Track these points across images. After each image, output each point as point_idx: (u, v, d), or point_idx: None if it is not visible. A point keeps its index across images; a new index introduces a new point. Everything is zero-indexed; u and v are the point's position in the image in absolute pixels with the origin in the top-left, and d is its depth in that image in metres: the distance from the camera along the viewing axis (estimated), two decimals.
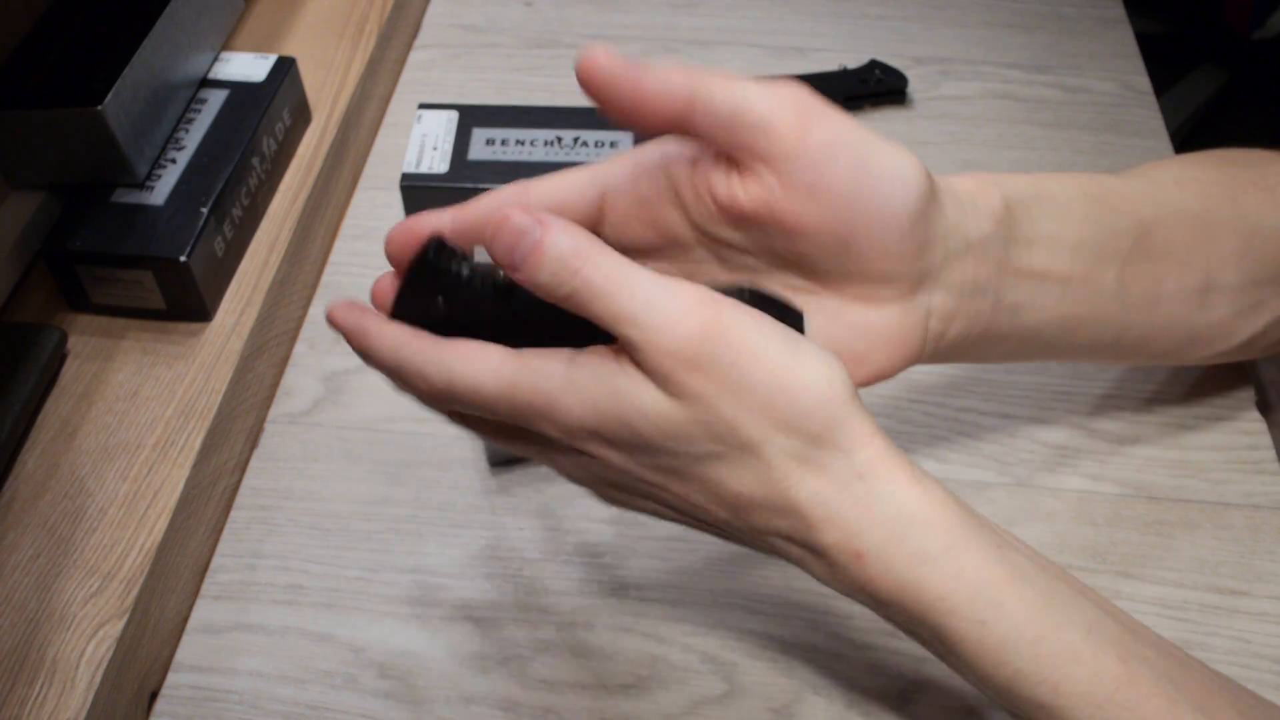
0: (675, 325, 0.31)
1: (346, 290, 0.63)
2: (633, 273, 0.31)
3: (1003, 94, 0.74)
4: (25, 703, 0.43)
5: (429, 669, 0.48)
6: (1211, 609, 0.50)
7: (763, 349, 0.32)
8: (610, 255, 0.31)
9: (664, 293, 0.31)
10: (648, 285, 0.31)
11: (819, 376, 0.32)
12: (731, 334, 0.31)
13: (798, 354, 0.32)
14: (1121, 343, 0.45)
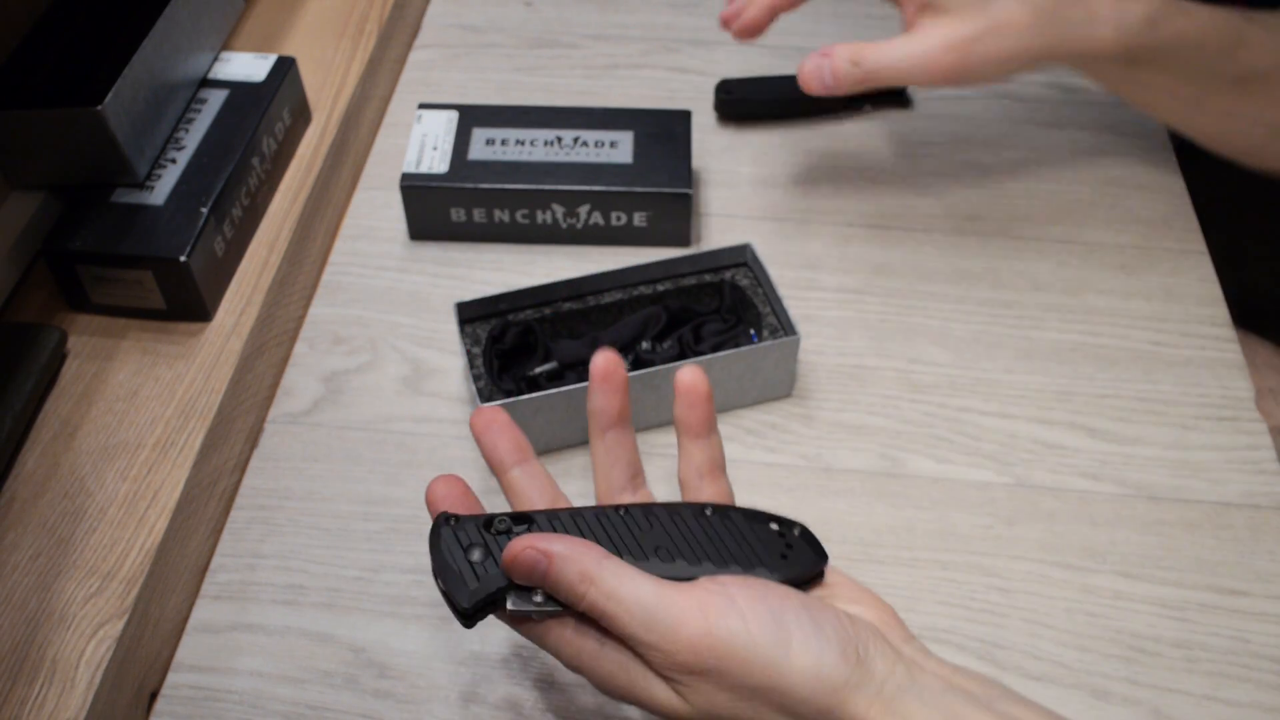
0: (672, 642, 0.35)
1: (346, 290, 0.63)
2: (632, 593, 0.36)
3: (1003, 94, 0.74)
4: (25, 703, 0.43)
5: (429, 669, 0.48)
6: (1211, 609, 0.50)
7: (753, 654, 0.35)
8: (610, 577, 0.36)
9: (660, 611, 0.35)
10: (647, 603, 0.35)
11: (809, 671, 0.35)
12: (723, 646, 0.35)
13: (788, 653, 0.35)
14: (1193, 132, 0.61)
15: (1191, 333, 0.60)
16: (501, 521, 0.39)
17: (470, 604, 0.37)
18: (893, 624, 0.39)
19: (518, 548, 0.36)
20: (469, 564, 0.38)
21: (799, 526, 0.40)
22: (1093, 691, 0.47)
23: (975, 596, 0.50)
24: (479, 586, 0.37)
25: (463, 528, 0.39)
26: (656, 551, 0.39)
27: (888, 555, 0.51)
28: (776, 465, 0.55)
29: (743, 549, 0.39)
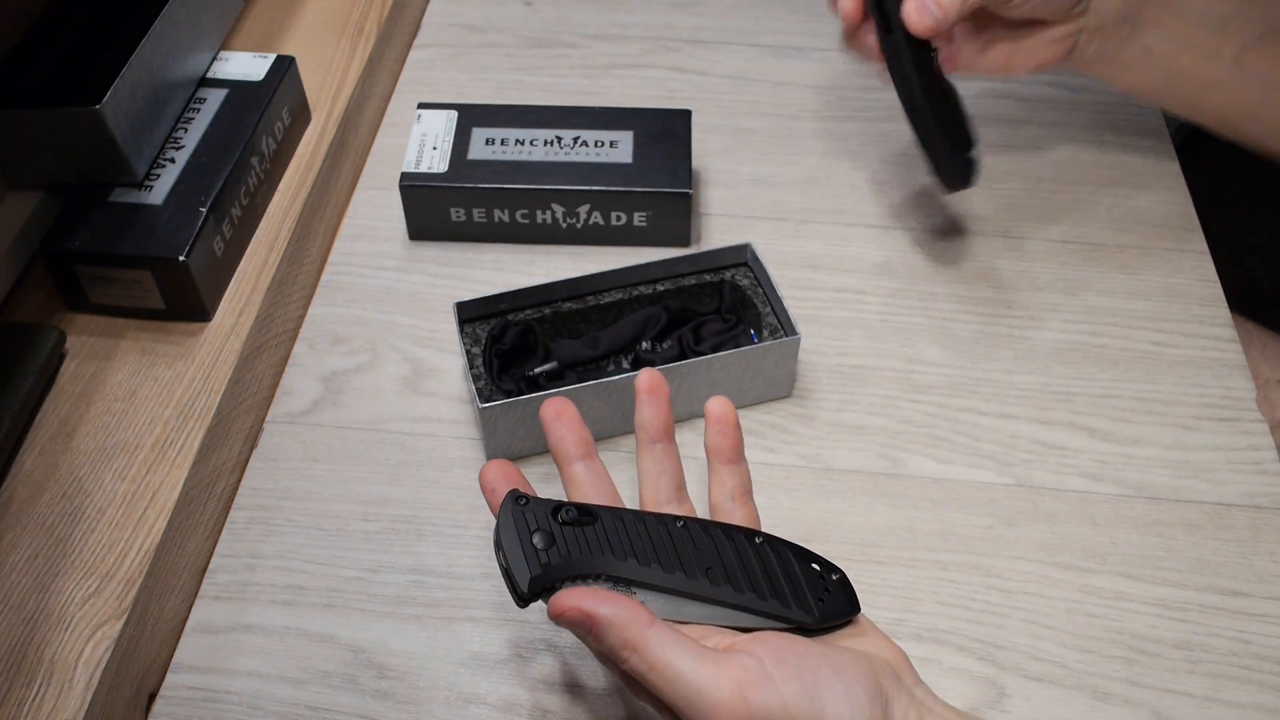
0: (714, 718, 0.36)
1: (346, 290, 0.63)
2: (672, 668, 0.36)
3: (1003, 93, 0.74)
4: (23, 704, 0.43)
5: (428, 669, 0.48)
6: (1213, 610, 0.49)
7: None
8: (654, 649, 0.37)
9: (701, 683, 0.36)
10: (687, 679, 0.36)
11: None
12: (760, 719, 0.36)
13: (823, 714, 0.37)
14: (1233, 111, 0.59)
15: (1192, 333, 0.60)
16: (568, 511, 0.40)
17: (529, 589, 0.38)
18: (904, 667, 0.41)
19: (564, 605, 0.37)
20: (533, 547, 0.39)
21: (839, 573, 0.42)
22: (1093, 693, 0.47)
23: (975, 597, 0.50)
24: (541, 575, 0.38)
25: (531, 510, 0.39)
26: (708, 573, 0.40)
27: (888, 555, 0.51)
28: (776, 465, 0.55)
29: (786, 585, 0.41)
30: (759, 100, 0.74)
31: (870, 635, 0.42)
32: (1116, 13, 0.56)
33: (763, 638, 0.39)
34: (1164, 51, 0.57)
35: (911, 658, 0.48)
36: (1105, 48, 0.57)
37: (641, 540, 0.40)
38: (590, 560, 0.39)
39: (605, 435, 0.55)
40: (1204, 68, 0.58)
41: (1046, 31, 0.57)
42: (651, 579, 0.39)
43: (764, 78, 0.76)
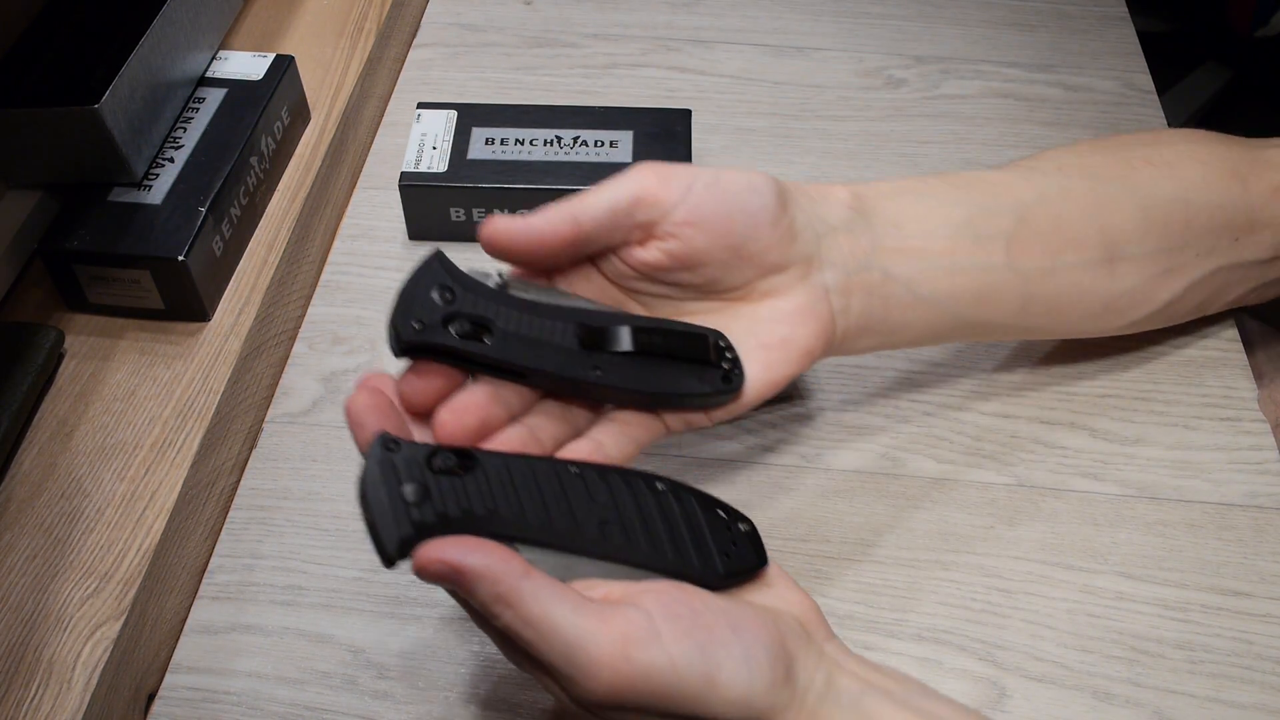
0: (591, 680, 0.34)
1: (346, 289, 0.63)
2: (549, 623, 0.34)
3: (1004, 93, 0.74)
4: (21, 705, 0.43)
5: (428, 670, 0.48)
6: (1214, 610, 0.49)
7: (677, 690, 0.34)
8: (528, 602, 0.34)
9: (580, 638, 0.33)
10: (565, 631, 0.34)
11: (737, 703, 0.35)
12: (643, 684, 0.34)
13: (714, 686, 0.34)
14: (1031, 312, 0.48)
15: (1193, 332, 0.59)
16: (445, 457, 0.36)
17: (396, 551, 0.34)
18: (815, 622, 0.39)
19: (428, 558, 0.34)
20: (403, 501, 0.34)
21: (748, 523, 0.40)
22: (1094, 693, 0.47)
23: (976, 597, 0.50)
24: (411, 535, 0.34)
25: (403, 456, 0.35)
26: (602, 527, 0.37)
27: (888, 555, 0.51)
28: (776, 465, 0.55)
29: (689, 538, 0.38)
30: (759, 100, 0.74)
31: (778, 587, 0.40)
32: (853, 257, 0.44)
33: (655, 589, 0.36)
34: (931, 280, 0.45)
35: (912, 658, 0.48)
36: (867, 305, 0.44)
37: (530, 490, 0.36)
38: (470, 517, 0.35)
39: None
40: (981, 283, 0.46)
41: (782, 310, 0.43)
42: (540, 535, 0.36)
43: (764, 78, 0.76)
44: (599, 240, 0.41)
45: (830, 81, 0.75)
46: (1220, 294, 0.54)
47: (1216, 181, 0.51)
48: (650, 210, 0.41)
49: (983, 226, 0.46)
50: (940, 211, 0.46)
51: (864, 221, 0.45)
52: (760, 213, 0.42)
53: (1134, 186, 0.50)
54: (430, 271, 0.38)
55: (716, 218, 0.41)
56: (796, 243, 0.43)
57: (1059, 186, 0.49)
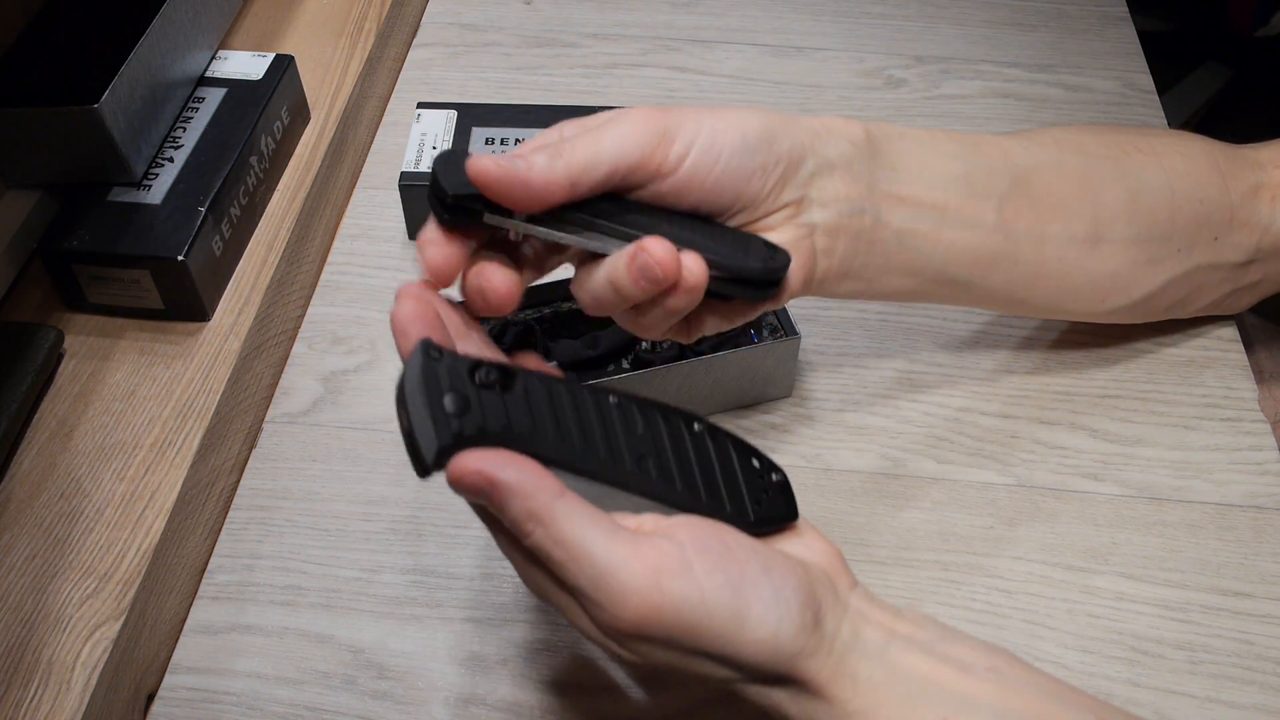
0: (620, 607, 0.33)
1: (345, 289, 0.63)
2: (582, 544, 0.33)
3: (1004, 93, 0.74)
4: (20, 705, 0.43)
5: (428, 670, 0.48)
6: (1215, 610, 0.49)
7: (706, 625, 0.34)
8: (561, 522, 0.33)
9: (611, 565, 0.33)
10: (597, 559, 0.33)
11: (765, 643, 0.34)
12: (673, 616, 0.33)
13: (743, 625, 0.34)
14: (1016, 279, 0.48)
15: (1194, 332, 0.59)
16: (488, 371, 0.35)
17: (433, 460, 0.33)
18: (840, 570, 0.39)
19: (464, 468, 0.33)
20: (443, 411, 0.33)
21: (780, 473, 0.39)
22: (1095, 693, 0.47)
23: (976, 597, 0.50)
24: (450, 445, 0.33)
25: (445, 366, 0.34)
26: (640, 461, 0.36)
27: (888, 555, 0.51)
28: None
29: (723, 482, 0.38)
30: (759, 100, 0.74)
31: (806, 536, 0.40)
32: (846, 199, 0.43)
33: (689, 523, 0.36)
34: (920, 233, 0.45)
35: None
36: (853, 250, 0.44)
37: (571, 414, 0.35)
38: (510, 435, 0.34)
39: None
40: (971, 240, 0.46)
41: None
42: (577, 462, 0.35)
43: (764, 77, 0.75)
44: (593, 194, 0.40)
45: (830, 81, 0.75)
46: (1197, 294, 0.54)
47: (1200, 175, 0.52)
48: (640, 176, 0.40)
49: (978, 184, 0.46)
50: (939, 163, 0.46)
51: (866, 160, 0.44)
52: (754, 170, 0.41)
53: (1124, 170, 0.50)
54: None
55: (710, 181, 0.40)
56: (788, 187, 0.42)
57: (1053, 159, 0.49)
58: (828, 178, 0.43)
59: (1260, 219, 0.52)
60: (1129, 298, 0.52)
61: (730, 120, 0.41)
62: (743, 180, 0.41)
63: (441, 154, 0.38)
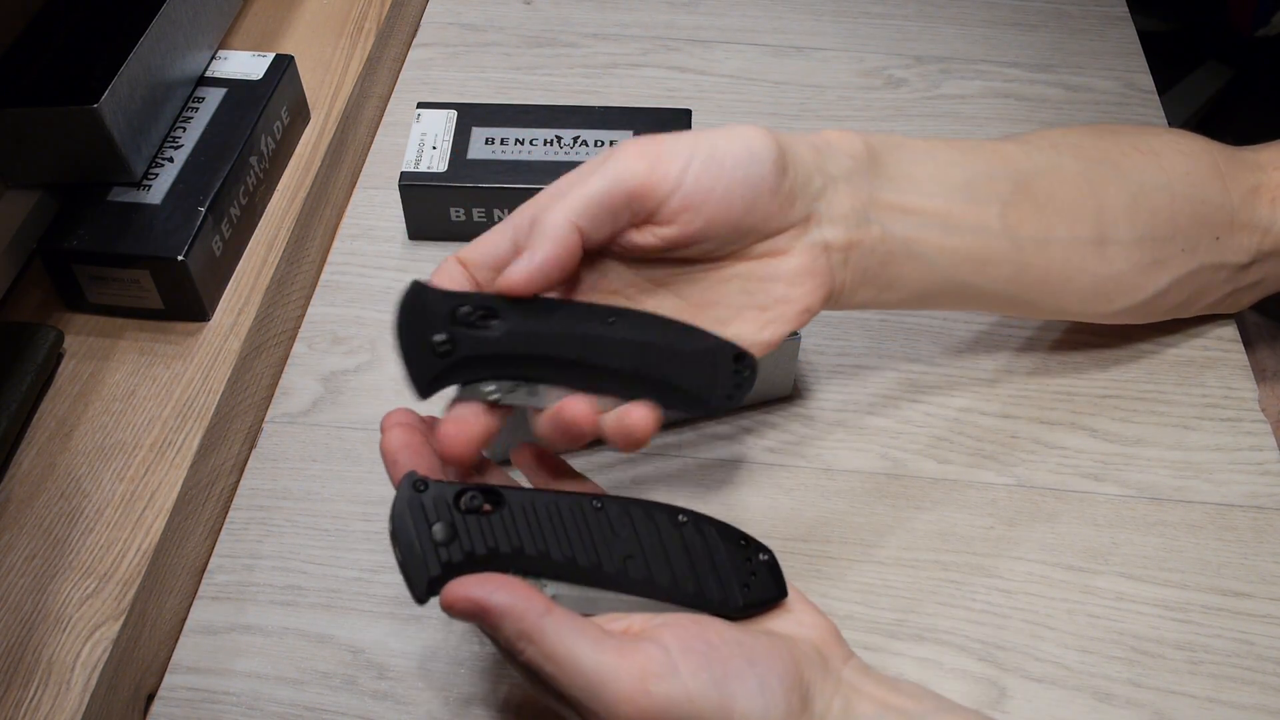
0: (613, 709, 0.34)
1: (345, 289, 0.63)
2: (571, 659, 0.35)
3: (1004, 93, 0.74)
4: (20, 705, 0.43)
5: (428, 670, 0.48)
6: (1215, 610, 0.49)
7: (694, 716, 0.35)
8: (550, 638, 0.35)
9: (601, 674, 0.34)
10: (586, 667, 0.35)
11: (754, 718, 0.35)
12: (663, 712, 0.35)
13: (731, 710, 0.35)
14: (1025, 283, 0.48)
15: (1194, 332, 0.59)
16: (472, 497, 0.37)
17: (426, 590, 0.36)
18: (834, 643, 0.39)
19: (455, 596, 0.35)
20: (432, 542, 0.36)
21: (768, 553, 0.40)
22: (1095, 694, 0.47)
23: (976, 598, 0.50)
24: (440, 576, 0.36)
25: (430, 498, 0.37)
26: (626, 561, 0.38)
27: (888, 556, 0.51)
28: (776, 465, 0.55)
29: (710, 571, 0.39)
30: (759, 100, 0.74)
31: (798, 612, 0.40)
32: (852, 213, 0.43)
33: (674, 623, 0.37)
34: (927, 241, 0.45)
35: (912, 658, 0.48)
36: (865, 261, 0.44)
37: (554, 527, 0.38)
38: (497, 555, 0.37)
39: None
40: (976, 246, 0.46)
41: (780, 270, 0.42)
42: (565, 571, 0.37)
43: (764, 77, 0.75)
44: (596, 241, 0.40)
45: (830, 81, 0.75)
46: (1201, 294, 0.54)
47: (1200, 175, 0.51)
48: (645, 202, 0.39)
49: (980, 190, 0.46)
50: (940, 171, 0.46)
51: (865, 173, 0.44)
52: (759, 183, 0.40)
53: (1124, 171, 0.50)
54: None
55: (715, 198, 0.40)
56: (795, 204, 0.42)
57: (1054, 162, 0.49)
58: (833, 193, 0.43)
59: (1260, 220, 0.52)
60: (1134, 299, 0.52)
61: (732, 133, 0.41)
62: (751, 193, 0.40)
63: (404, 320, 0.38)
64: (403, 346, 0.38)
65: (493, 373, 0.38)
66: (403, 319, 0.38)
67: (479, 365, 0.38)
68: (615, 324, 0.40)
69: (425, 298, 0.38)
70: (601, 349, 0.39)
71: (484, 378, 0.38)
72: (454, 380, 0.38)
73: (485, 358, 0.38)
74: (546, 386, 0.39)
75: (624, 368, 0.39)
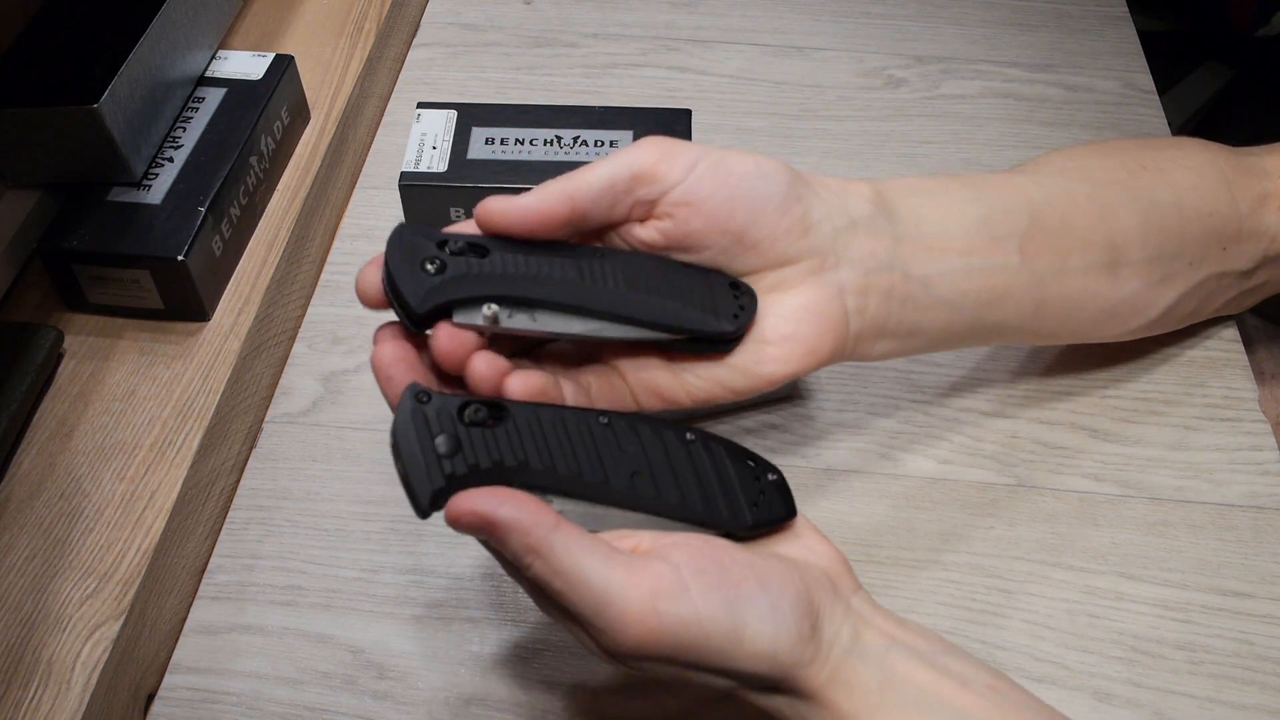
0: (620, 633, 0.34)
1: (345, 289, 0.63)
2: (579, 573, 0.34)
3: (1004, 93, 0.74)
4: (20, 705, 0.43)
5: (428, 670, 0.48)
6: (1214, 610, 0.49)
7: (704, 643, 0.35)
8: (559, 552, 0.34)
9: (609, 590, 0.34)
10: (594, 586, 0.34)
11: (763, 656, 0.35)
12: (671, 637, 0.34)
13: (740, 640, 0.35)
14: (1043, 315, 0.48)
15: (1194, 332, 0.59)
16: (476, 410, 0.36)
17: (429, 503, 0.35)
18: (844, 573, 0.39)
19: (461, 509, 0.34)
20: (435, 455, 0.35)
21: (776, 473, 0.39)
22: (1095, 693, 0.47)
23: (976, 597, 0.50)
24: (444, 488, 0.35)
25: (434, 408, 0.36)
26: (633, 478, 0.37)
27: (888, 556, 0.51)
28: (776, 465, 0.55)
29: (719, 489, 0.38)
30: (759, 100, 0.74)
31: (806, 538, 0.40)
32: (873, 256, 0.42)
33: (685, 542, 0.36)
34: (948, 283, 0.44)
35: None
36: (885, 308, 0.43)
37: (560, 442, 0.37)
38: (501, 469, 0.36)
39: None
40: (996, 283, 0.45)
41: (788, 305, 0.41)
42: (571, 486, 0.37)
43: (764, 78, 0.75)
44: (596, 217, 0.39)
45: (830, 81, 0.75)
46: (1208, 302, 0.54)
47: (1207, 188, 0.51)
48: (649, 188, 0.39)
49: (999, 226, 0.46)
50: (958, 209, 0.45)
51: (885, 218, 0.43)
52: (766, 200, 0.40)
53: (1134, 192, 0.50)
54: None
55: (716, 201, 0.39)
56: (809, 236, 0.41)
57: (1064, 189, 0.48)
58: (852, 234, 0.42)
59: (1267, 228, 0.52)
60: (1147, 316, 0.51)
61: (744, 153, 0.41)
62: (756, 205, 0.40)
63: (394, 252, 0.37)
64: (393, 276, 0.36)
65: (487, 293, 0.37)
66: (391, 255, 0.36)
67: (474, 284, 0.37)
68: (607, 257, 0.39)
69: (412, 234, 0.37)
70: (597, 274, 0.38)
71: (479, 297, 0.37)
72: (448, 296, 0.36)
73: (479, 277, 0.37)
74: (545, 311, 0.38)
75: (622, 290, 0.39)
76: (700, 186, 0.39)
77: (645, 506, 0.37)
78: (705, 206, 0.39)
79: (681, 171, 0.39)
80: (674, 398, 0.41)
